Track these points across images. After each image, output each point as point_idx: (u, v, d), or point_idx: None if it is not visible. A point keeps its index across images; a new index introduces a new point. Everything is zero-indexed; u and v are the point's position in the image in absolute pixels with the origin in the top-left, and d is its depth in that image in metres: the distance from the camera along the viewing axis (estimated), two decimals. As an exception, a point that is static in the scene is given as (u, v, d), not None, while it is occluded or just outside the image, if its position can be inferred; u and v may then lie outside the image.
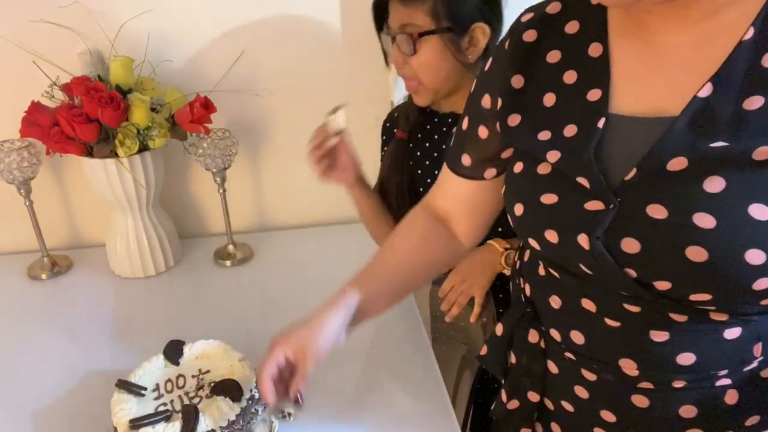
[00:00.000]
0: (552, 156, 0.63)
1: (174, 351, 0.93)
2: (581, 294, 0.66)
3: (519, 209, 0.67)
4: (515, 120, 0.68)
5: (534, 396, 0.77)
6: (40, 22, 1.19)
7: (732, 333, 0.60)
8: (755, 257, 0.51)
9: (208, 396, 0.86)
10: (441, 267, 0.89)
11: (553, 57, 0.65)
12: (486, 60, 0.74)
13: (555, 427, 0.77)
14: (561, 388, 0.74)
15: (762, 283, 0.53)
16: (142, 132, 1.16)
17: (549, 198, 0.63)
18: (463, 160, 0.78)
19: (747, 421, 0.65)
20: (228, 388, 0.85)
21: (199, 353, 0.94)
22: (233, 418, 0.82)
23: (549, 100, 0.65)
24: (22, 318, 1.19)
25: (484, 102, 0.73)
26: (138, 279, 1.30)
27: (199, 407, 0.82)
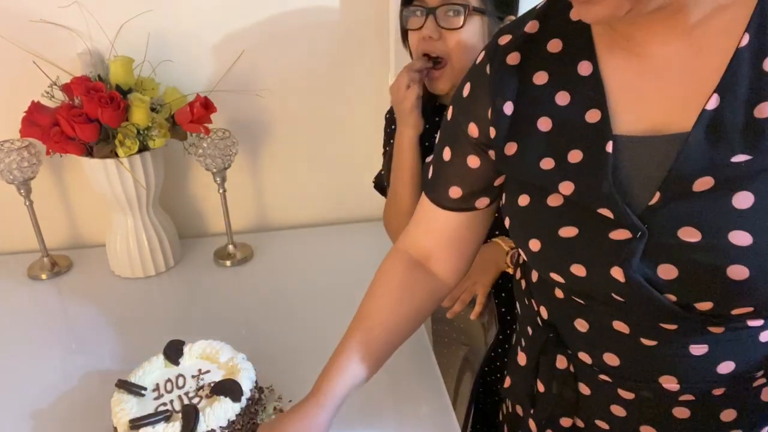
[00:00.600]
0: (565, 188, 0.60)
1: (174, 351, 0.93)
2: (611, 317, 0.64)
3: (535, 245, 0.64)
4: (512, 149, 0.64)
5: (567, 422, 0.74)
6: (39, 22, 1.19)
7: (767, 335, 0.60)
8: None
9: (208, 396, 0.86)
10: (427, 314, 0.84)
11: (540, 78, 0.63)
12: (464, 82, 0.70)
13: None
14: (595, 408, 0.71)
15: None
16: (142, 132, 1.16)
17: (568, 231, 0.60)
18: (451, 192, 0.74)
19: None
20: (228, 388, 0.85)
21: (199, 353, 0.94)
22: (233, 418, 0.82)
23: (544, 124, 0.62)
24: (22, 318, 1.19)
25: (470, 131, 0.69)
26: (138, 279, 1.30)
27: (199, 407, 0.82)
